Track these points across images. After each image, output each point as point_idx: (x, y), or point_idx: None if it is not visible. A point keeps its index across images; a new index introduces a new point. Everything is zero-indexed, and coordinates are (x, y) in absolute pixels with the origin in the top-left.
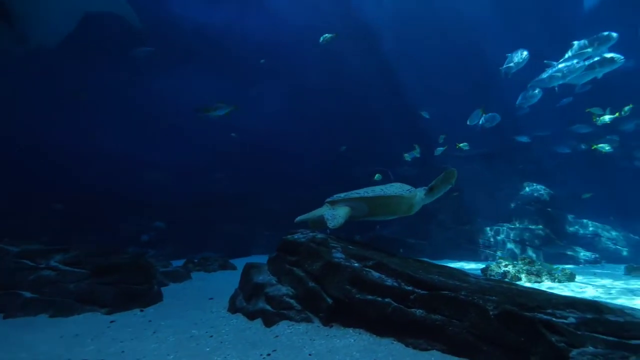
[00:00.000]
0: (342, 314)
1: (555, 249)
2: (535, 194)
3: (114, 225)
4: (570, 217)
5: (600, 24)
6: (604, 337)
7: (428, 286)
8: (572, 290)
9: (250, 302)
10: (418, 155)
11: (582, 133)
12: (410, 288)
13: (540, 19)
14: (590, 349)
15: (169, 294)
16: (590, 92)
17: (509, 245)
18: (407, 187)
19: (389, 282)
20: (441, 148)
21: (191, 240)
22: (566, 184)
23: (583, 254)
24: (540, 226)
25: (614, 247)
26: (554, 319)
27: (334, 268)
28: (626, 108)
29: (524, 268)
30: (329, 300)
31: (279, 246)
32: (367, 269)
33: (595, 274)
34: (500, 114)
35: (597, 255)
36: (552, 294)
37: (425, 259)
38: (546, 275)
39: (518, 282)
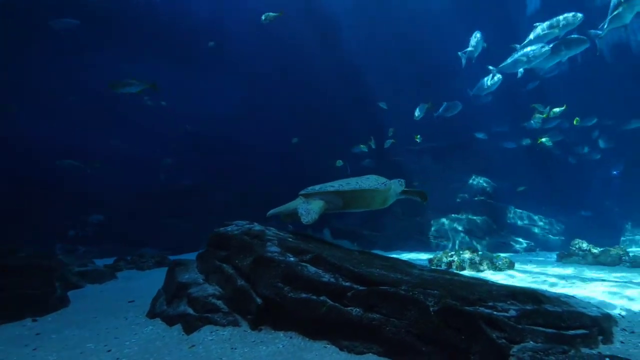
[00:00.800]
0: (273, 315)
1: (496, 239)
2: (481, 187)
3: (42, 219)
4: (510, 208)
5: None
6: (544, 329)
7: (367, 281)
8: (512, 277)
9: (172, 305)
10: (373, 147)
11: (536, 129)
12: (348, 284)
13: (489, 19)
14: (531, 343)
15: (81, 297)
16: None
17: (457, 236)
18: (382, 179)
19: (326, 277)
20: (390, 140)
21: (133, 236)
22: (509, 177)
23: (520, 242)
24: (484, 217)
25: (547, 236)
26: (495, 312)
27: (265, 263)
28: (556, 109)
29: (468, 257)
30: (259, 301)
31: (209, 240)
32: (303, 264)
33: (531, 261)
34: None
35: (532, 244)
36: (493, 284)
37: (378, 251)
38: (488, 264)
39: (462, 272)
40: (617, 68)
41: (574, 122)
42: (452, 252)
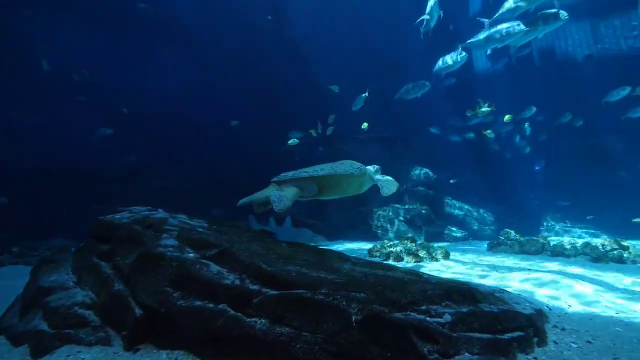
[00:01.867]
0: (157, 329)
1: (434, 228)
2: (423, 177)
3: None
4: (448, 199)
5: (488, 81)
6: (480, 335)
7: (281, 283)
8: (448, 268)
9: (25, 318)
10: (319, 132)
11: (484, 122)
12: (256, 287)
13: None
14: (466, 356)
15: None
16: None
17: (399, 225)
18: (357, 164)
19: (230, 279)
20: (331, 127)
21: (44, 223)
22: (449, 169)
23: (456, 232)
24: (424, 207)
25: (479, 225)
26: (428, 319)
27: (153, 261)
28: (484, 108)
29: (407, 248)
30: (137, 312)
31: (91, 230)
32: (204, 262)
33: (465, 251)
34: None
35: (466, 233)
36: (428, 280)
37: (323, 240)
38: (425, 254)
39: (400, 263)
40: (544, 70)
41: (505, 119)
42: (392, 242)
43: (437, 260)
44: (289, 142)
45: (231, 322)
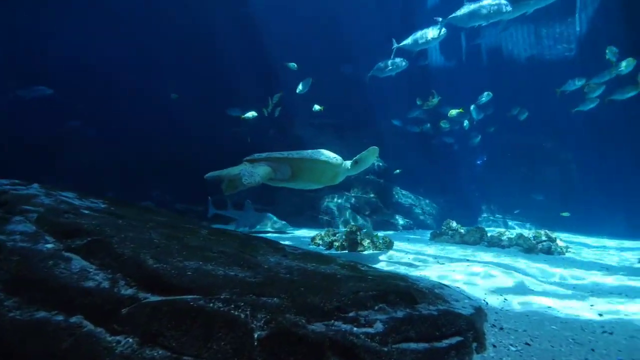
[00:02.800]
0: None
1: (381, 217)
2: (372, 166)
3: None
4: (396, 188)
5: (442, 76)
6: (415, 345)
7: (166, 285)
8: (390, 258)
9: None
10: (269, 110)
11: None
12: (130, 292)
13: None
14: None
15: None
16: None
17: (346, 213)
18: (333, 155)
19: (96, 280)
20: (278, 108)
21: None
22: (399, 158)
23: (401, 221)
24: (373, 195)
25: (424, 215)
26: (355, 329)
27: None
28: (434, 100)
29: (350, 236)
30: None
31: None
32: (67, 255)
33: (409, 240)
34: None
35: (411, 222)
36: (364, 277)
37: (287, 227)
38: (369, 243)
39: (343, 252)
40: (492, 68)
41: (449, 114)
42: (336, 231)
43: (380, 249)
44: (246, 115)
45: (84, 342)
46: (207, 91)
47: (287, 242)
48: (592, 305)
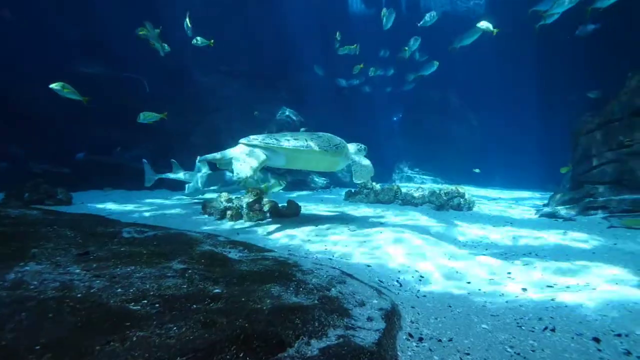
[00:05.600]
0: None
1: (296, 176)
2: (288, 120)
3: None
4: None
5: (362, 25)
6: None
7: None
8: (294, 227)
9: None
10: (168, 50)
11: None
12: None
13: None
14: None
15: None
16: None
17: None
18: (336, 141)
19: None
20: (156, 30)
21: None
22: (317, 113)
23: (319, 180)
24: None
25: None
26: None
27: None
28: (353, 47)
29: (249, 202)
30: None
31: None
32: None
33: (322, 201)
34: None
35: (329, 181)
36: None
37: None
38: (269, 207)
39: (238, 222)
40: (410, 20)
41: (370, 73)
42: (231, 196)
43: (285, 216)
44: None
45: None
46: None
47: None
48: (509, 274)
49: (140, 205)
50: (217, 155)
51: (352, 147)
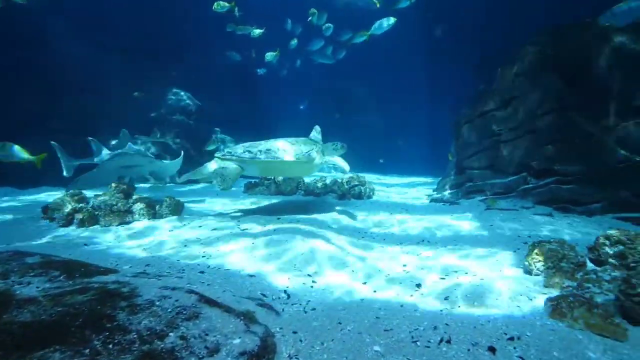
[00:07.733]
0: None
1: (192, 166)
2: (182, 104)
3: None
4: (216, 132)
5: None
6: None
7: None
8: (173, 232)
9: None
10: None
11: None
12: None
13: None
14: None
15: None
16: None
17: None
18: (310, 146)
19: None
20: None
21: None
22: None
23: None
24: (182, 141)
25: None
26: None
27: None
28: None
29: (110, 202)
30: None
31: None
32: None
33: (217, 194)
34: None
35: None
36: None
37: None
38: (143, 209)
39: (94, 226)
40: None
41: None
42: (84, 195)
43: (160, 217)
44: None
45: None
46: None
47: None
48: (405, 266)
49: None
50: (195, 173)
51: (327, 147)
